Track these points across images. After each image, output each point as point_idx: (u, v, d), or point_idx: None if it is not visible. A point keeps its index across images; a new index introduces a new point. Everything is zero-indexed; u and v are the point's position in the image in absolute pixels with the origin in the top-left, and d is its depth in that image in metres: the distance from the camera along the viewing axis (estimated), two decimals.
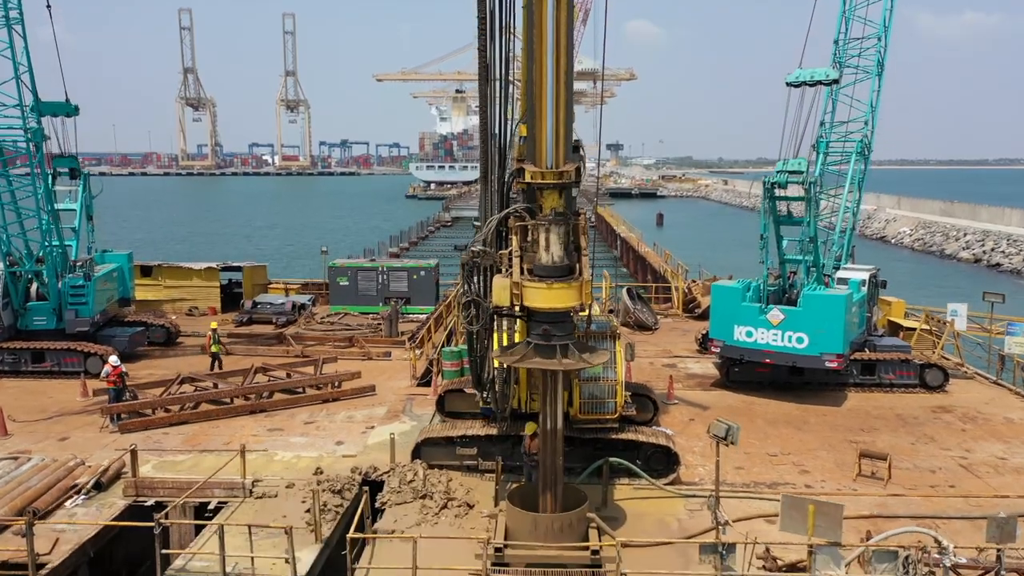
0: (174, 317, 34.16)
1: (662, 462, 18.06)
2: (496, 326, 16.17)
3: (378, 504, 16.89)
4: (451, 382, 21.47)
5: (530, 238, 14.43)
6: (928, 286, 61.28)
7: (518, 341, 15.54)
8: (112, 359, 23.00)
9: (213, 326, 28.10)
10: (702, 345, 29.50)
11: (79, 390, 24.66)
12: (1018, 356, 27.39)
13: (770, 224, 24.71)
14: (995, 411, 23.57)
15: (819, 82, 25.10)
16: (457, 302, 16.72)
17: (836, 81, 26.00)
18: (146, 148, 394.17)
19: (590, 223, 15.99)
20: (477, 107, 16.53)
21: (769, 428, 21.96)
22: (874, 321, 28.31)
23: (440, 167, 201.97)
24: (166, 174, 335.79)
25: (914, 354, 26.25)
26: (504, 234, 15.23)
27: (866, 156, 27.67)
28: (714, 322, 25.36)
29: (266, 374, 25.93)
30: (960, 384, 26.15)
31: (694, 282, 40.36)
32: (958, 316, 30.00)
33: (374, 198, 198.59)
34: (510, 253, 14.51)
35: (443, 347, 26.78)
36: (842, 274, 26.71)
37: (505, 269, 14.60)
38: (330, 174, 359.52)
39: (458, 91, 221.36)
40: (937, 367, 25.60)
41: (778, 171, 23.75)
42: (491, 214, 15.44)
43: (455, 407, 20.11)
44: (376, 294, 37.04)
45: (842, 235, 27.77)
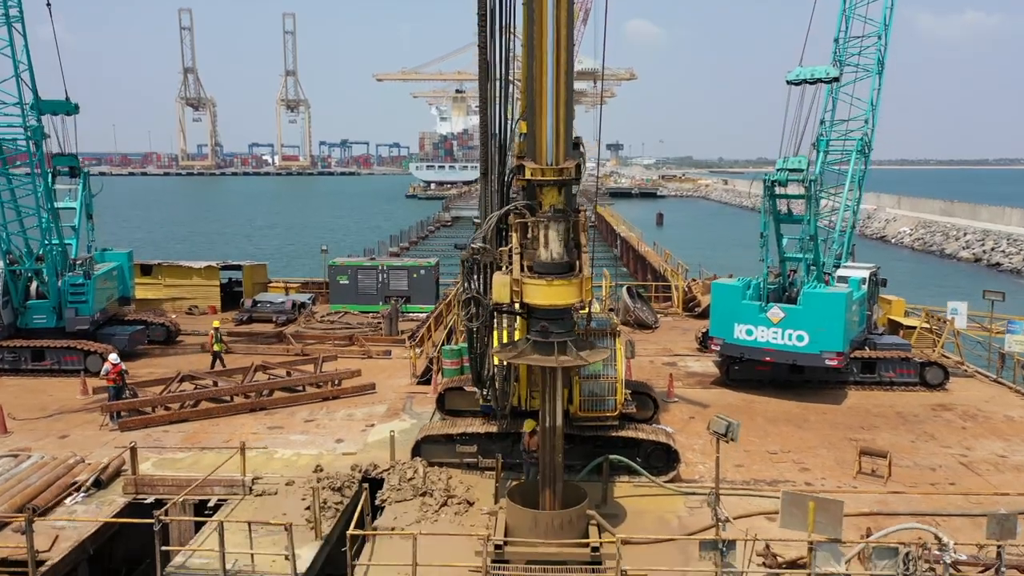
0: (174, 316, 34.17)
1: (662, 460, 18.07)
2: (496, 323, 16.17)
3: (378, 501, 16.89)
4: (451, 380, 21.45)
5: (530, 235, 14.43)
6: (928, 285, 61.25)
7: (518, 339, 15.54)
8: (112, 357, 22.97)
9: (216, 325, 28.11)
10: (702, 343, 29.49)
11: (79, 388, 24.66)
12: (1018, 354, 27.35)
13: (770, 222, 24.68)
14: (995, 409, 23.56)
15: (819, 80, 25.12)
16: (457, 299, 16.71)
17: (836, 79, 26.02)
18: (146, 148, 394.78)
19: (590, 223, 15.99)
20: (477, 107, 16.51)
21: (769, 426, 21.95)
22: (874, 319, 28.30)
23: (440, 167, 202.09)
24: (166, 174, 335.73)
25: (914, 352, 26.26)
26: (504, 231, 15.24)
27: (866, 154, 27.68)
28: (714, 320, 25.34)
29: (266, 372, 25.94)
30: (960, 382, 26.14)
31: (694, 281, 40.34)
32: (958, 314, 30.02)
33: (374, 198, 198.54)
34: (510, 250, 14.51)
35: (443, 345, 26.78)
36: (842, 272, 26.70)
37: (505, 266, 14.60)
38: (330, 174, 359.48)
39: (458, 91, 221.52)
40: (937, 365, 25.58)
41: (779, 169, 23.74)
42: (491, 211, 15.44)
43: (455, 405, 20.11)
44: (376, 293, 37.05)
45: (842, 234, 27.78)
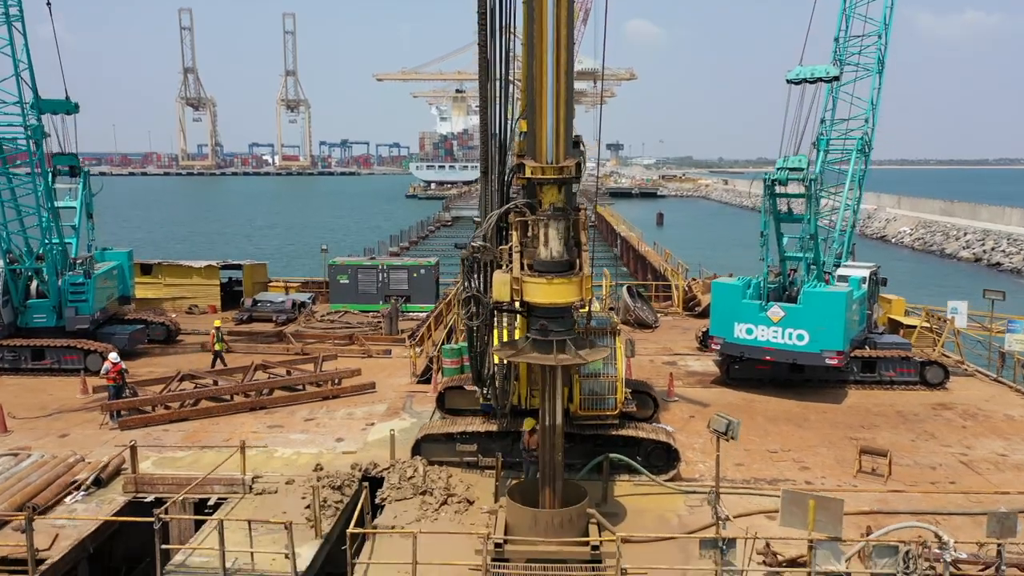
0: (174, 315, 34.15)
1: (662, 458, 18.07)
2: (496, 322, 16.17)
3: (378, 500, 16.89)
4: (451, 379, 21.46)
5: (530, 233, 14.43)
6: (928, 285, 61.24)
7: (519, 337, 15.54)
8: (112, 356, 22.97)
9: (217, 324, 28.11)
10: (702, 343, 29.49)
11: (79, 387, 24.64)
12: (1018, 353, 27.33)
13: (770, 221, 24.68)
14: (995, 408, 23.55)
15: (820, 79, 25.14)
16: (457, 298, 16.71)
17: (836, 78, 26.04)
18: (146, 148, 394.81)
19: (590, 223, 15.98)
20: (477, 107, 16.50)
21: (769, 425, 21.95)
22: (874, 319, 28.29)
23: (440, 167, 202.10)
24: (166, 174, 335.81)
25: (914, 351, 26.25)
26: (504, 230, 15.23)
27: (867, 154, 27.69)
28: (714, 319, 25.33)
29: (266, 371, 25.93)
30: (960, 381, 26.14)
31: (694, 280, 40.34)
32: (958, 313, 30.02)
33: (374, 198, 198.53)
34: (510, 248, 14.51)
35: (443, 344, 26.77)
36: (842, 271, 26.68)
37: (505, 264, 14.60)
38: (330, 174, 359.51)
39: (458, 91, 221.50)
40: (938, 364, 25.57)
41: (779, 168, 23.72)
42: (491, 210, 15.43)
43: (455, 404, 20.11)
44: (376, 292, 37.03)
45: (842, 233, 27.77)
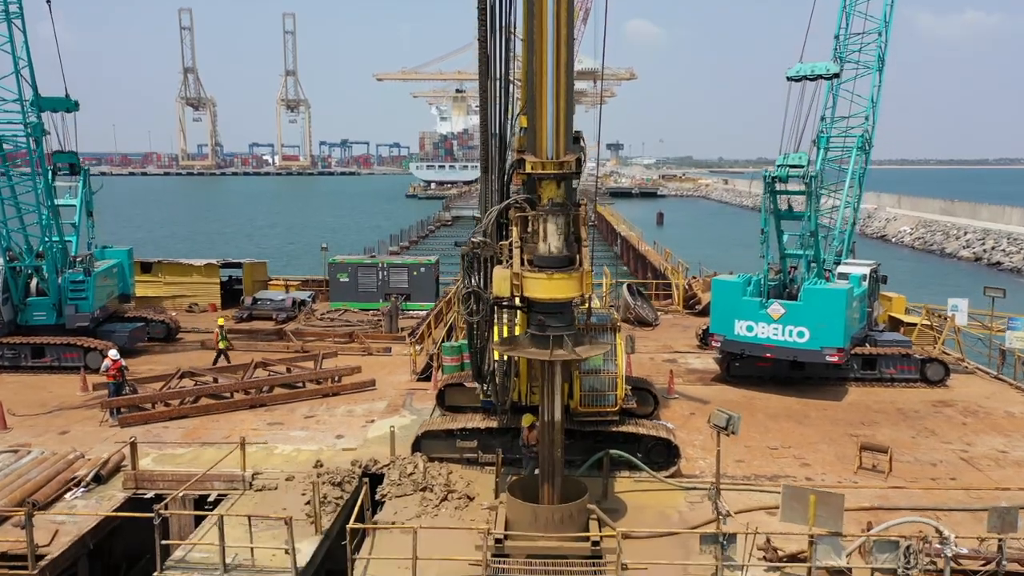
0: (174, 313, 34.13)
1: (663, 455, 18.06)
2: (496, 318, 16.16)
3: (378, 496, 16.88)
4: (451, 376, 21.44)
5: (530, 229, 14.43)
6: (929, 284, 61.22)
7: (519, 333, 15.53)
8: (112, 353, 22.97)
9: (220, 322, 28.09)
10: (702, 340, 29.48)
11: (79, 385, 24.64)
12: (1019, 351, 27.33)
13: (771, 219, 24.67)
14: (996, 405, 23.55)
15: (820, 76, 25.13)
16: (458, 294, 16.70)
17: (837, 75, 26.02)
18: (146, 148, 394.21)
19: (591, 222, 15.98)
20: (477, 107, 16.48)
21: (770, 422, 21.94)
22: (875, 316, 28.28)
23: (440, 167, 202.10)
24: (166, 174, 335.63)
25: (915, 349, 26.23)
26: (504, 226, 15.21)
27: (867, 151, 27.65)
28: (715, 317, 25.32)
29: (266, 369, 25.93)
30: (961, 379, 26.13)
31: (694, 278, 40.35)
32: (959, 311, 29.99)
33: (374, 198, 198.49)
34: (510, 244, 14.50)
35: (443, 342, 26.75)
36: (843, 269, 26.66)
37: (505, 260, 14.59)
38: (330, 174, 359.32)
39: (458, 91, 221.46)
40: (938, 361, 25.57)
41: (779, 165, 23.70)
42: (492, 207, 15.42)
43: (455, 401, 20.10)
44: (376, 290, 37.02)
45: (842, 232, 27.74)
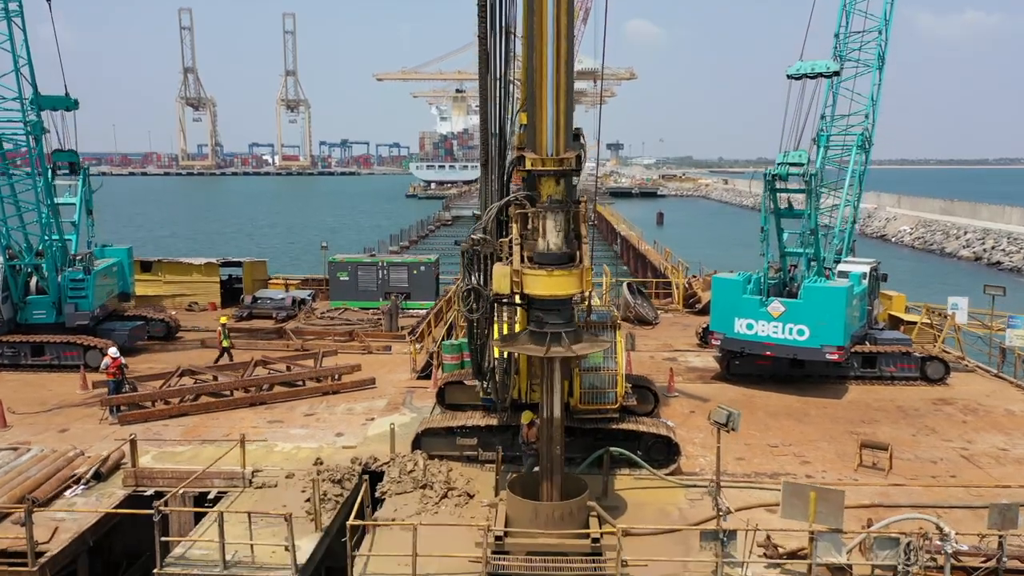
0: (174, 312, 34.13)
1: (663, 452, 18.04)
2: (496, 315, 16.14)
3: (378, 494, 16.87)
4: (451, 374, 21.42)
5: (530, 226, 14.42)
6: (929, 284, 61.25)
7: (519, 331, 15.52)
8: (111, 351, 22.95)
9: (223, 321, 28.04)
10: (702, 339, 29.48)
11: (79, 383, 24.63)
12: (1019, 349, 27.33)
13: (771, 217, 24.66)
14: (996, 403, 23.54)
15: (820, 74, 25.08)
16: (458, 292, 16.70)
17: (837, 73, 25.99)
18: (146, 148, 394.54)
19: (591, 222, 15.98)
20: (477, 107, 16.47)
21: (770, 420, 21.94)
22: (875, 314, 28.27)
23: (440, 167, 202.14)
24: (166, 174, 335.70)
25: (915, 347, 26.23)
26: (504, 223, 15.21)
27: (867, 150, 27.62)
28: (715, 315, 25.31)
29: (266, 367, 25.92)
30: (961, 377, 26.11)
31: (694, 277, 40.35)
32: (959, 309, 29.99)
33: (374, 198, 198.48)
34: (510, 241, 14.49)
35: (443, 341, 26.74)
36: (843, 267, 26.65)
37: (505, 257, 14.58)
38: (330, 174, 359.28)
39: (458, 91, 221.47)
40: (938, 360, 25.57)
41: (779, 163, 23.69)
42: (491, 203, 15.41)
43: (455, 399, 20.04)
44: (376, 289, 36.99)
45: (842, 230, 27.73)
